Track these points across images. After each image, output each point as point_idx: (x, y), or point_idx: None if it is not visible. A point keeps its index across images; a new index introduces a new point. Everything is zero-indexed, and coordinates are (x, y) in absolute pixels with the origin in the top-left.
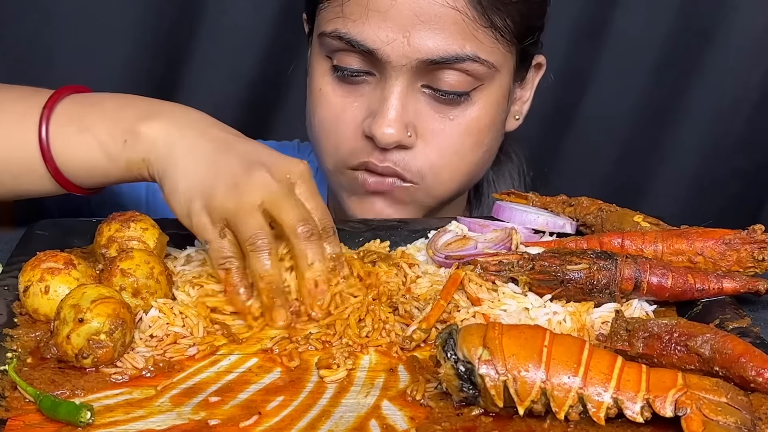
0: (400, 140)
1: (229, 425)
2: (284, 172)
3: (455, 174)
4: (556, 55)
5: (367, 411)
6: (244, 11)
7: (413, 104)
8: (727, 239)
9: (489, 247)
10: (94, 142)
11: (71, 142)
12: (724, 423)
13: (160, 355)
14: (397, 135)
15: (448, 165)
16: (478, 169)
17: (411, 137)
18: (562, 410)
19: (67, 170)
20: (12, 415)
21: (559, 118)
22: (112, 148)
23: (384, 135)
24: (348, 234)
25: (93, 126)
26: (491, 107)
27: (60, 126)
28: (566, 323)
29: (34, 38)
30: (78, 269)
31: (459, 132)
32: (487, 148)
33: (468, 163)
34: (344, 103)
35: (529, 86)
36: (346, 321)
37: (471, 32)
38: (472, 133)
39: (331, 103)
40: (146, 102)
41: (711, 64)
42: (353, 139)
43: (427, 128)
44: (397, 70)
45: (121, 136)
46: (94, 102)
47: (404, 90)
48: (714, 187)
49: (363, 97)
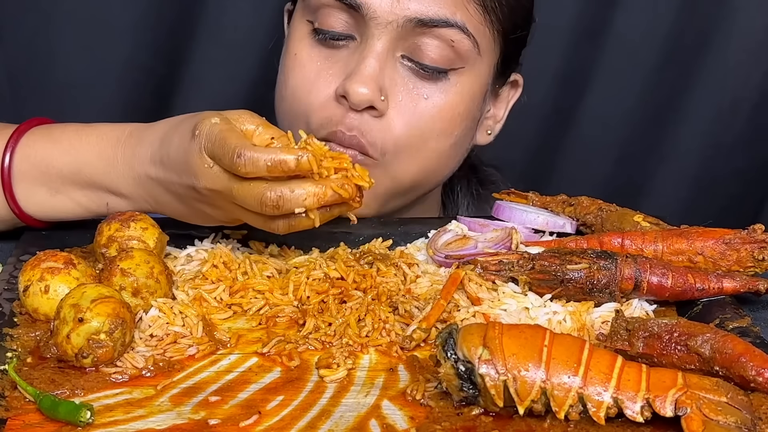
0: (372, 100)
1: (229, 425)
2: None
3: (416, 157)
4: (556, 55)
5: (367, 410)
6: (244, 11)
7: (390, 71)
8: (727, 239)
9: (489, 246)
10: (73, 205)
11: (48, 204)
12: (724, 423)
13: (160, 355)
14: (370, 94)
15: (412, 146)
16: (440, 163)
17: (384, 102)
18: (562, 410)
19: (43, 220)
20: (12, 415)
21: (559, 118)
22: (96, 209)
23: (357, 93)
24: (349, 234)
25: (64, 189)
26: (467, 96)
27: (28, 189)
28: (566, 323)
29: (34, 38)
30: (78, 269)
31: (430, 112)
32: (455, 141)
33: (431, 150)
34: (319, 69)
35: (503, 104)
36: (346, 321)
37: (462, 3)
38: (444, 117)
39: (307, 68)
40: (94, 150)
41: (711, 64)
42: (325, 104)
43: (399, 99)
44: (381, 29)
45: (99, 198)
46: (47, 158)
47: (384, 53)
48: (714, 187)
49: (340, 63)
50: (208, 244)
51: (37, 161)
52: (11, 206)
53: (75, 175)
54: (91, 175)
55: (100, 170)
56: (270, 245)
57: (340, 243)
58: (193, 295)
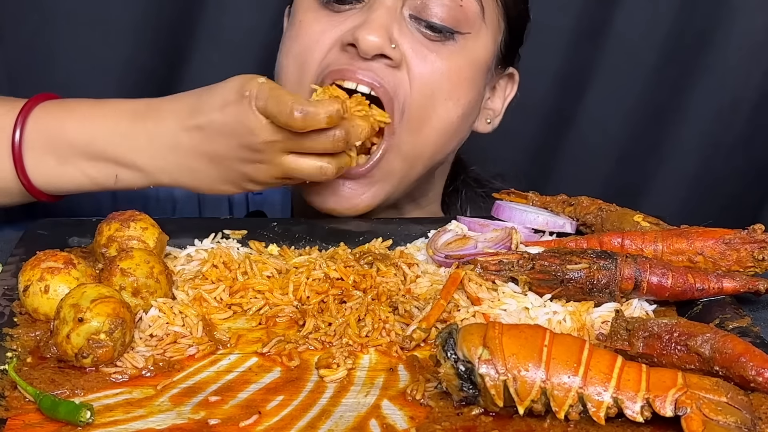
0: (382, 48)
1: (229, 425)
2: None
3: (426, 125)
4: (556, 55)
5: (367, 410)
6: (244, 11)
7: (399, 27)
8: (727, 239)
9: (489, 246)
10: (81, 176)
11: (55, 175)
12: (724, 422)
13: (160, 355)
14: (381, 42)
15: (422, 109)
16: (445, 140)
17: (396, 51)
18: (562, 410)
19: (50, 192)
20: (12, 415)
21: (559, 118)
22: (104, 182)
23: (366, 40)
24: (348, 234)
25: (74, 160)
26: (474, 63)
27: (36, 158)
28: (566, 323)
29: (34, 38)
30: (78, 269)
31: (440, 71)
32: (462, 112)
33: (439, 119)
34: (324, 27)
35: (500, 97)
36: (346, 321)
37: None
38: (452, 78)
39: (312, 28)
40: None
41: (711, 64)
42: (327, 56)
43: (410, 53)
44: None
45: (108, 171)
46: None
47: (393, 9)
48: (714, 187)
49: (347, 21)
50: (208, 244)
51: (48, 130)
52: (20, 177)
53: (86, 146)
54: (104, 147)
55: (115, 142)
56: (270, 245)
57: (340, 243)
58: (193, 295)
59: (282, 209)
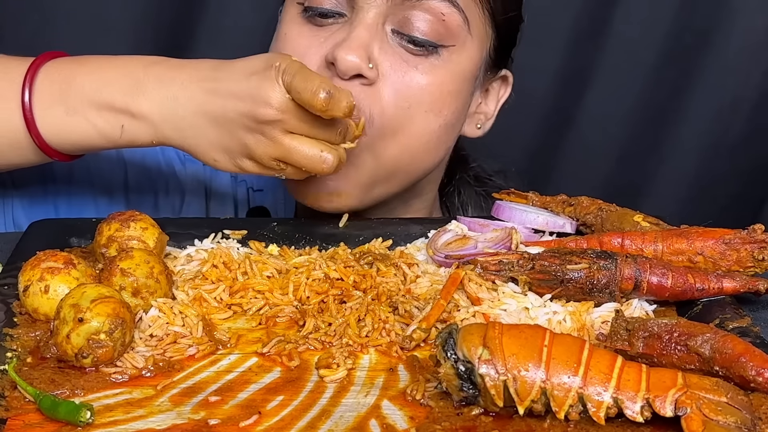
0: (360, 68)
1: (229, 425)
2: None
3: (402, 134)
4: (556, 55)
5: (367, 410)
6: (244, 11)
7: (380, 43)
8: (727, 239)
9: (489, 246)
10: (88, 126)
11: (63, 125)
12: (724, 423)
13: (160, 355)
14: (358, 62)
15: (399, 119)
16: (427, 147)
17: (372, 70)
18: (562, 410)
19: (58, 146)
20: (12, 415)
21: (559, 118)
22: (110, 133)
23: (344, 60)
24: (349, 234)
25: (82, 109)
26: (458, 75)
27: (45, 108)
28: (566, 323)
29: (34, 38)
30: (78, 269)
31: (419, 84)
32: (444, 122)
33: (418, 128)
34: (309, 42)
35: (493, 100)
36: (346, 321)
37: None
38: (433, 93)
39: (296, 42)
40: (120, 71)
41: (711, 64)
42: None
43: (388, 70)
44: (369, 3)
45: (115, 120)
46: (69, 77)
47: (374, 25)
48: (714, 187)
49: (330, 37)
50: (208, 244)
51: (59, 79)
52: (29, 130)
53: (96, 93)
54: (113, 94)
55: (125, 89)
56: (270, 245)
57: (340, 243)
58: (193, 295)
59: (285, 208)
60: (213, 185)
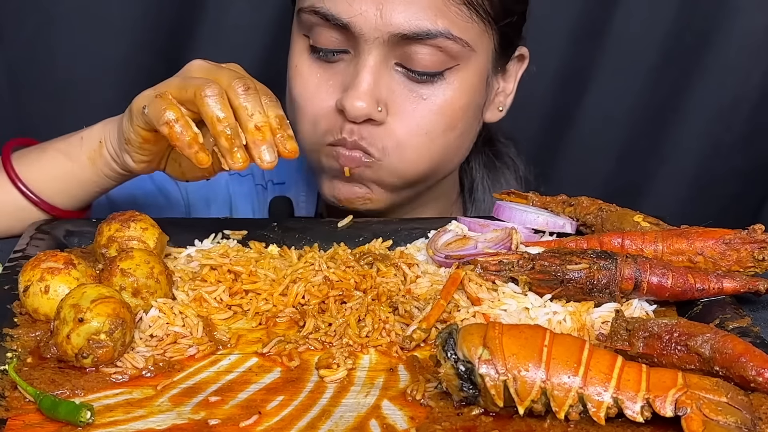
0: (369, 114)
1: (229, 425)
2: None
3: (423, 154)
4: (556, 55)
5: (367, 411)
6: (244, 11)
7: (386, 81)
8: (727, 239)
9: (489, 246)
10: (56, 153)
11: (37, 162)
12: (724, 423)
13: (160, 355)
14: (367, 108)
15: (417, 144)
16: (450, 154)
17: (381, 112)
18: (562, 410)
19: (42, 190)
20: (12, 415)
21: (559, 118)
22: (74, 151)
23: (354, 107)
24: (348, 234)
25: (53, 144)
26: (467, 89)
27: (21, 158)
28: (566, 323)
29: (34, 38)
30: (78, 269)
31: (431, 111)
32: (461, 132)
33: (438, 146)
34: (319, 80)
35: (512, 78)
36: (346, 321)
37: (444, 8)
38: (445, 113)
39: (306, 80)
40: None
41: (711, 64)
42: (328, 114)
43: (398, 105)
44: (370, 44)
45: (76, 137)
46: (44, 144)
47: (377, 65)
48: (714, 187)
49: (338, 75)
50: (208, 245)
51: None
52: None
53: (66, 137)
54: (81, 134)
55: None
56: (270, 245)
57: (340, 243)
58: (194, 296)
59: (307, 203)
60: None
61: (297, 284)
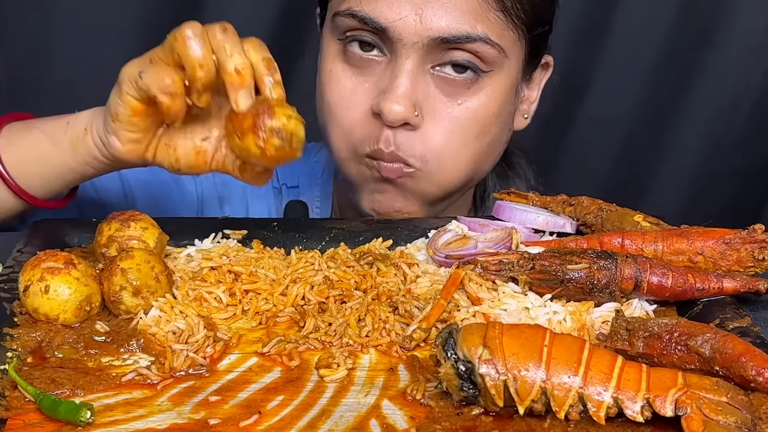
0: (407, 117)
1: (229, 424)
2: None
3: (459, 161)
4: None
5: (367, 410)
6: (244, 12)
7: (423, 85)
8: (727, 239)
9: (489, 246)
10: (40, 134)
11: (20, 141)
12: (725, 422)
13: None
14: (404, 112)
15: (453, 151)
16: (482, 161)
17: (418, 116)
18: (562, 410)
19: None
20: (12, 415)
21: (559, 118)
22: (58, 134)
23: (392, 111)
24: (348, 234)
25: (41, 124)
26: (500, 96)
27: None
28: (566, 323)
29: (34, 38)
30: (78, 269)
31: (466, 116)
32: (493, 138)
33: (472, 152)
34: (354, 84)
35: (536, 86)
36: (346, 321)
37: (483, 13)
38: (479, 119)
39: (342, 84)
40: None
41: (711, 63)
42: (363, 120)
43: (434, 110)
44: (408, 48)
45: (63, 120)
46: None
47: (414, 70)
48: (714, 186)
49: (374, 78)
50: (209, 244)
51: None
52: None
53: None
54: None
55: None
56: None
57: (340, 243)
58: (194, 295)
59: (321, 206)
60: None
61: (297, 284)
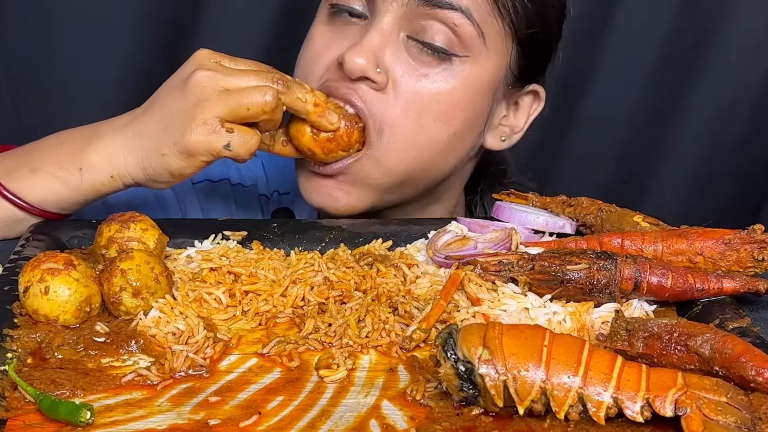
0: (366, 71)
1: (229, 425)
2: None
3: (411, 144)
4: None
5: (367, 411)
6: (244, 12)
7: (393, 50)
8: (727, 239)
9: (489, 247)
10: (50, 177)
11: (28, 183)
12: (724, 422)
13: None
14: (365, 65)
15: (408, 128)
16: (437, 156)
17: (381, 75)
18: (562, 410)
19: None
20: (12, 415)
21: (559, 119)
22: (70, 179)
23: (352, 62)
24: (348, 235)
25: (43, 165)
26: (470, 87)
27: (9, 175)
28: (566, 323)
29: (34, 38)
30: (78, 270)
31: (429, 94)
32: (454, 132)
33: (428, 137)
34: (328, 43)
35: (523, 115)
36: (346, 321)
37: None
38: (442, 102)
39: (316, 43)
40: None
41: (711, 64)
42: (326, 70)
43: (399, 77)
44: (387, 5)
45: (73, 166)
46: (28, 150)
47: (388, 30)
48: (714, 186)
49: (348, 38)
50: (208, 245)
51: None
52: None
53: (55, 150)
54: (71, 147)
55: (83, 139)
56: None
57: (340, 244)
58: (194, 296)
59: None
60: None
61: (297, 285)
